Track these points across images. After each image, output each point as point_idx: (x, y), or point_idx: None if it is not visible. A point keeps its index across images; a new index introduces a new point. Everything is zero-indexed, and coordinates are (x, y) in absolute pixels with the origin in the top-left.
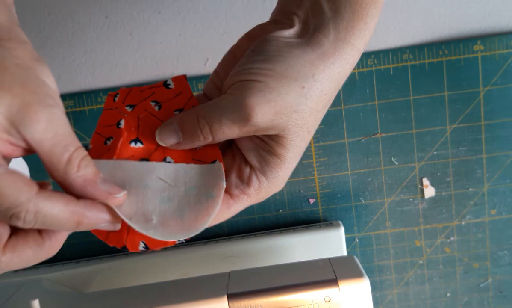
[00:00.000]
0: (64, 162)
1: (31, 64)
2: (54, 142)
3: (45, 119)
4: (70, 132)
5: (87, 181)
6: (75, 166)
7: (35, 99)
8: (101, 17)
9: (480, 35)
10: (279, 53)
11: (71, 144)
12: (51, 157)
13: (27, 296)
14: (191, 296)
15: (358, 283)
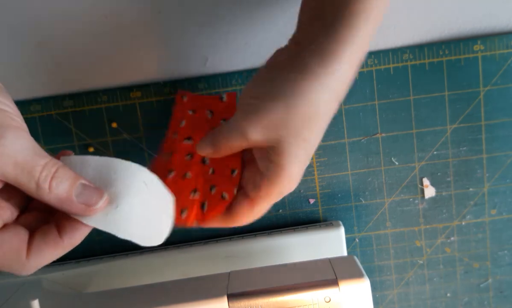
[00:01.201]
0: (33, 188)
1: None
2: (16, 173)
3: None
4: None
5: (61, 199)
6: (45, 189)
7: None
8: (101, 17)
9: (480, 35)
10: (270, 77)
11: (35, 167)
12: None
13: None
14: (191, 296)
15: (358, 283)
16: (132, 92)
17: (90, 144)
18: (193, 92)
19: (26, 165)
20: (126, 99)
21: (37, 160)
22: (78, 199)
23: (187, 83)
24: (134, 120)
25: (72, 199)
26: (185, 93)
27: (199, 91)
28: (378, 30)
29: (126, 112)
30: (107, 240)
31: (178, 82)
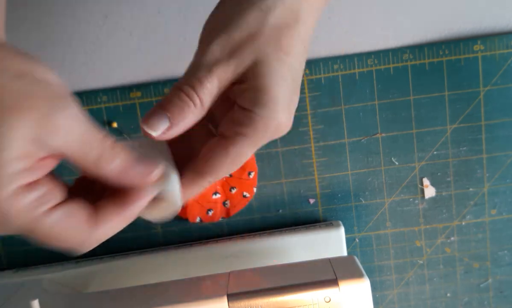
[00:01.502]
0: (92, 161)
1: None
2: (77, 145)
3: (61, 126)
4: (89, 127)
5: (120, 171)
6: (104, 161)
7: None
8: (101, 17)
9: (480, 35)
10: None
11: (94, 140)
12: (79, 159)
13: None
14: (191, 296)
15: (358, 283)
16: (132, 92)
17: None
18: None
19: (87, 136)
20: (126, 99)
21: (96, 132)
22: (136, 169)
23: None
24: (134, 120)
25: (129, 168)
26: None
27: None
28: (378, 30)
29: (126, 112)
30: (107, 240)
31: None
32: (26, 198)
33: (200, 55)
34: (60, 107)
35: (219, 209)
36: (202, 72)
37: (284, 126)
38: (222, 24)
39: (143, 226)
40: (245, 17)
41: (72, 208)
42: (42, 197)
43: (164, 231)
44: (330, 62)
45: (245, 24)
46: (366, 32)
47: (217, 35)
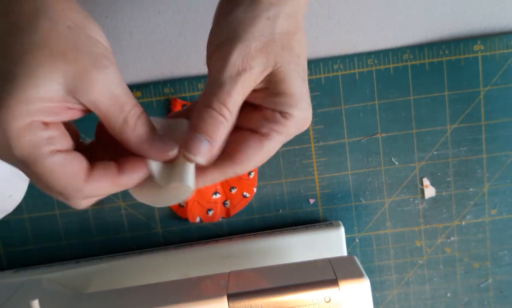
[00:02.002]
0: (120, 123)
1: (82, 23)
2: (109, 104)
3: (99, 83)
4: (124, 92)
5: (142, 139)
6: (130, 125)
7: (88, 63)
8: (101, 17)
9: (480, 35)
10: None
11: (126, 104)
12: (108, 118)
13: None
14: (191, 296)
15: (358, 283)
16: (132, 92)
17: None
18: (193, 93)
19: (120, 98)
20: None
21: (130, 98)
22: (156, 142)
23: (187, 83)
24: None
25: (150, 140)
26: (186, 103)
27: (199, 91)
28: (378, 30)
29: None
30: (107, 240)
31: (178, 82)
32: (37, 134)
33: (219, 69)
34: (100, 65)
35: (219, 209)
36: (228, 85)
37: (309, 120)
38: (233, 35)
39: (142, 226)
40: (257, 26)
41: (73, 157)
42: (52, 138)
43: (164, 231)
44: (330, 62)
45: (258, 32)
46: (366, 32)
47: (234, 46)
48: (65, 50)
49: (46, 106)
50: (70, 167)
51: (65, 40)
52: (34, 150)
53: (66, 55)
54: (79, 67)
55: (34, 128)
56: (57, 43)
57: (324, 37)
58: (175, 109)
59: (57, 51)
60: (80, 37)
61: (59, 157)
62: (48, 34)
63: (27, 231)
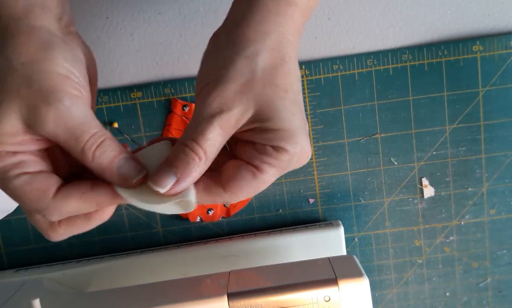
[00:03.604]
0: (78, 153)
1: (37, 56)
2: (66, 136)
3: (51, 118)
4: (81, 121)
5: (103, 168)
6: (88, 156)
7: (39, 98)
8: (102, 17)
9: (479, 36)
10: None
11: (82, 135)
12: (69, 149)
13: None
14: (191, 296)
15: (358, 282)
16: (133, 92)
17: None
18: (193, 93)
19: (75, 131)
20: (126, 100)
21: (86, 129)
22: (118, 170)
23: (187, 83)
24: (135, 120)
25: (112, 169)
26: (186, 103)
27: None
28: (377, 31)
29: (127, 112)
30: (107, 239)
31: (178, 82)
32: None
33: (199, 110)
34: (51, 100)
35: (220, 208)
36: (202, 125)
37: (306, 153)
38: (214, 77)
39: (143, 226)
40: (235, 67)
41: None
42: (20, 163)
43: (164, 231)
44: (330, 63)
45: (236, 73)
46: (366, 33)
47: (213, 89)
48: (18, 87)
49: (9, 139)
50: (37, 185)
51: (18, 77)
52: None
53: (19, 92)
54: (31, 103)
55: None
56: (11, 81)
57: (324, 37)
58: (176, 110)
59: (11, 88)
60: (33, 73)
61: (25, 177)
62: (4, 74)
63: (28, 230)
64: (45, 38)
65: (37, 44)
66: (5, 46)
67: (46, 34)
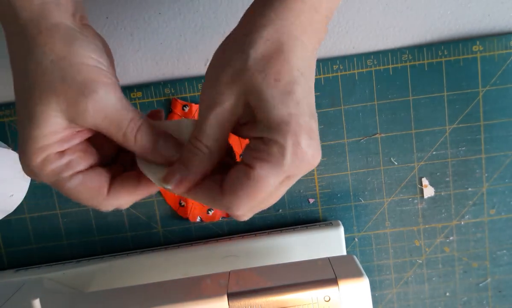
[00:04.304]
0: (120, 138)
1: (64, 53)
2: (106, 124)
3: (90, 109)
4: (119, 108)
5: (144, 149)
6: (130, 140)
7: (76, 92)
8: (101, 17)
9: (479, 36)
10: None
11: (122, 121)
12: (110, 135)
13: (28, 295)
14: (191, 296)
15: (358, 282)
16: (133, 92)
17: None
18: (194, 93)
19: (114, 118)
20: None
21: (125, 114)
22: (160, 150)
23: (187, 83)
24: None
25: (155, 149)
26: (186, 103)
27: (199, 91)
28: (377, 31)
29: None
30: (107, 239)
31: (178, 82)
32: (55, 164)
33: (199, 107)
34: (87, 92)
35: None
36: (200, 121)
37: (305, 152)
38: (208, 72)
39: (143, 226)
40: (229, 61)
41: (92, 176)
42: (70, 163)
43: (165, 230)
44: (330, 63)
45: (229, 65)
46: (366, 33)
47: (208, 84)
48: (53, 85)
49: (54, 138)
50: (91, 185)
51: (51, 75)
52: (57, 177)
53: (55, 89)
54: (69, 97)
55: (51, 160)
56: (44, 81)
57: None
58: (176, 110)
59: (47, 88)
60: (64, 68)
61: (79, 178)
62: (36, 75)
63: (28, 230)
64: (66, 34)
65: (61, 41)
66: (31, 48)
67: (66, 29)
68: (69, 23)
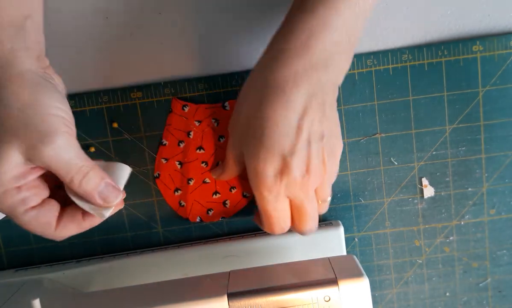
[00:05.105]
0: (67, 181)
1: (32, 102)
2: (57, 168)
3: (46, 155)
4: (69, 158)
5: (87, 194)
6: (75, 185)
7: (36, 138)
8: (101, 18)
9: (479, 36)
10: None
11: (72, 168)
12: (59, 176)
13: (28, 295)
14: (191, 296)
15: (358, 282)
16: (133, 92)
17: (91, 144)
18: (193, 93)
19: (65, 165)
20: (126, 100)
21: (74, 164)
22: (100, 195)
23: (187, 83)
24: (135, 121)
25: (94, 195)
26: (186, 103)
27: (199, 91)
28: (377, 31)
29: (127, 113)
30: (107, 239)
31: (178, 82)
32: (11, 199)
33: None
34: (46, 142)
35: (219, 208)
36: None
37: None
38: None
39: (143, 226)
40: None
41: (44, 210)
42: (25, 199)
43: (165, 230)
44: None
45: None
46: (366, 33)
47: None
48: (17, 130)
49: (12, 175)
50: (42, 219)
51: (16, 121)
52: (12, 210)
53: (18, 134)
54: (29, 142)
55: (9, 194)
56: (10, 124)
57: None
58: (175, 110)
59: (11, 131)
60: (29, 116)
61: (32, 213)
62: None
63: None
64: (33, 82)
65: (29, 90)
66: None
67: (33, 77)
68: (35, 68)
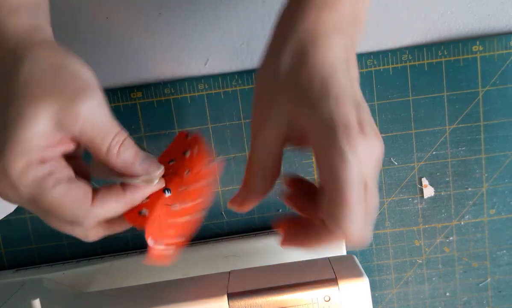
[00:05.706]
0: (104, 151)
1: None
2: (92, 135)
3: (81, 114)
4: (106, 121)
5: (126, 164)
6: (114, 153)
7: (70, 97)
8: (102, 17)
9: (479, 36)
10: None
11: (109, 133)
12: (93, 147)
13: (28, 295)
14: (191, 296)
15: (358, 282)
16: (133, 92)
17: None
18: (193, 93)
19: (102, 129)
20: (126, 100)
21: (111, 128)
22: (141, 165)
23: (187, 83)
24: (135, 120)
25: (136, 164)
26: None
27: (199, 91)
28: (377, 31)
29: (127, 112)
30: (107, 240)
31: (178, 82)
32: (37, 170)
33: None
34: (82, 98)
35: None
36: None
37: (360, 143)
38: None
39: None
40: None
41: (76, 184)
42: (52, 171)
43: None
44: None
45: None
46: (366, 33)
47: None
48: (47, 89)
49: (39, 143)
50: (75, 193)
51: (45, 79)
52: (39, 185)
53: (48, 93)
54: (62, 101)
55: (34, 166)
56: (38, 84)
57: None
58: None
59: (39, 91)
60: (61, 75)
61: (63, 186)
62: (29, 78)
63: (28, 230)
64: (59, 48)
65: (56, 53)
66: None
67: (57, 45)
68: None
